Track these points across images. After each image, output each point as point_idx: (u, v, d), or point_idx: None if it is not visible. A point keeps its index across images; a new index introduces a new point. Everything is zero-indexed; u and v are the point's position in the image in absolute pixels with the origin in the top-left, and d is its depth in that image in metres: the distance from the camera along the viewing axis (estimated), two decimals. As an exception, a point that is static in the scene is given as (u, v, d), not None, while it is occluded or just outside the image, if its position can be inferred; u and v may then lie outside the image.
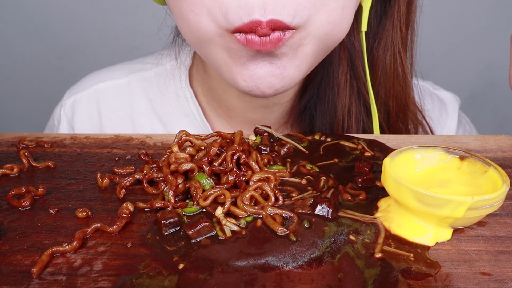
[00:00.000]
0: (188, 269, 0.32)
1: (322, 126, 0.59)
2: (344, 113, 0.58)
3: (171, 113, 0.66)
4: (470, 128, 0.73)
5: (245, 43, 0.42)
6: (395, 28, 0.55)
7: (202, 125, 0.65)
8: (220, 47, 0.45)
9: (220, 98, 0.63)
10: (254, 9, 0.40)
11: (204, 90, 0.66)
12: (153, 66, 0.69)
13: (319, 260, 0.32)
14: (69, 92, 0.70)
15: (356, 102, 0.59)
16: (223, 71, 0.47)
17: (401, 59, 0.57)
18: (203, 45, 0.46)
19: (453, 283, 0.31)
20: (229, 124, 0.65)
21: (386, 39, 0.56)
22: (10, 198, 0.40)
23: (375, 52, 0.57)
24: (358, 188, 0.41)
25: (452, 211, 0.33)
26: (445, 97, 0.71)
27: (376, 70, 0.58)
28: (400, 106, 0.60)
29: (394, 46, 0.56)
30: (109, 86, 0.69)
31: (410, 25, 0.57)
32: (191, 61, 0.67)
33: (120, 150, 0.49)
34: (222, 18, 0.42)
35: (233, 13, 0.41)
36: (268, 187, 0.39)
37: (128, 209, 0.37)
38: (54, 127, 0.71)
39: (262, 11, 0.40)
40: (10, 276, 0.31)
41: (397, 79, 0.58)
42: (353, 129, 0.59)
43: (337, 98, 0.58)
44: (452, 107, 0.71)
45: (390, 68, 0.57)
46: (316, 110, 0.59)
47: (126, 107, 0.68)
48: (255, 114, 0.62)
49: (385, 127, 0.60)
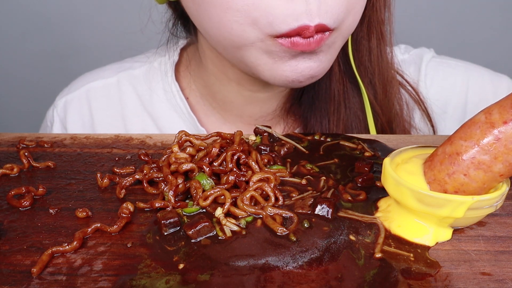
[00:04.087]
0: (188, 269, 0.32)
1: (319, 114, 0.60)
2: (340, 100, 0.60)
3: (160, 108, 0.68)
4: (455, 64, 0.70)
5: (289, 45, 0.46)
6: (374, 9, 0.58)
7: (189, 119, 0.66)
8: (260, 50, 0.48)
9: (217, 93, 0.65)
10: (302, 16, 0.44)
11: (198, 85, 0.67)
12: (142, 64, 0.71)
13: (319, 260, 0.32)
14: (61, 94, 0.73)
15: (350, 88, 0.61)
16: (260, 70, 0.50)
17: (382, 36, 0.60)
18: (242, 50, 0.49)
19: (453, 283, 0.31)
20: (223, 118, 0.67)
21: (368, 20, 0.59)
22: (10, 198, 0.40)
23: (358, 33, 0.59)
24: (358, 188, 0.41)
25: (452, 211, 0.33)
26: (413, 56, 0.71)
27: (360, 50, 0.60)
28: (385, 80, 0.62)
29: (375, 26, 0.59)
30: (99, 85, 0.71)
31: (387, 6, 0.60)
32: (178, 58, 0.69)
33: (120, 150, 0.49)
34: (267, 26, 0.45)
35: (280, 21, 0.45)
36: (268, 187, 0.39)
37: (128, 209, 0.37)
38: (48, 128, 0.73)
39: (308, 17, 0.45)
40: (10, 276, 0.31)
41: (381, 55, 0.61)
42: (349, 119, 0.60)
43: (330, 86, 0.60)
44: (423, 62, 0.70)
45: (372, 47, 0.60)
46: (312, 99, 0.61)
47: (116, 105, 0.70)
48: (252, 108, 0.64)
49: (376, 106, 0.62)
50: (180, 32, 0.66)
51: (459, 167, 0.33)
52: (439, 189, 0.34)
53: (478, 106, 0.67)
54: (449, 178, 0.34)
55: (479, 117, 0.33)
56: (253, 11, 0.45)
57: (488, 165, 0.32)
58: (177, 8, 0.62)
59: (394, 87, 0.63)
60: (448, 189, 0.34)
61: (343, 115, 0.60)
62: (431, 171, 0.35)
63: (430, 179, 0.35)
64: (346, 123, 0.60)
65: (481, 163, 0.33)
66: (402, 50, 0.71)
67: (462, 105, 0.67)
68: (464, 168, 0.33)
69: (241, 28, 0.46)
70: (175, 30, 0.65)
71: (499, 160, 0.32)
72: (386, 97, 0.62)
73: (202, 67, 0.65)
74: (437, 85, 0.68)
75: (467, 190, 0.34)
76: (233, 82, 0.61)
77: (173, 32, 0.65)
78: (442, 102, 0.67)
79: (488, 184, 0.34)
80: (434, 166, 0.35)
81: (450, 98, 0.67)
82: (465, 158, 0.33)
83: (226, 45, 0.50)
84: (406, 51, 0.71)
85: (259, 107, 0.64)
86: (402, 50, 0.71)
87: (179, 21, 0.64)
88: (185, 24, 0.64)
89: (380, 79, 0.61)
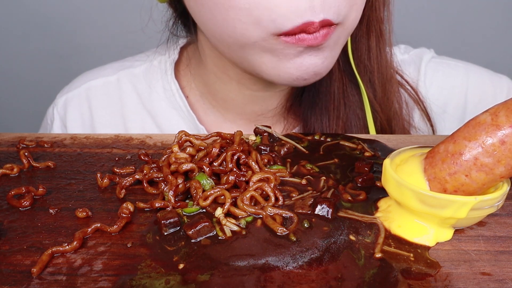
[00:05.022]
0: (188, 269, 0.32)
1: (320, 112, 0.60)
2: (339, 98, 0.60)
3: (160, 106, 0.68)
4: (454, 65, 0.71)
5: (294, 41, 0.46)
6: (373, 8, 0.59)
7: (189, 117, 0.67)
8: (263, 49, 0.48)
9: (217, 91, 0.65)
10: (305, 12, 0.44)
11: (198, 84, 0.67)
12: (142, 63, 0.71)
13: (319, 260, 0.32)
14: (62, 92, 0.73)
15: (349, 86, 0.61)
16: (265, 69, 0.50)
17: (381, 34, 0.60)
18: (245, 49, 0.49)
19: (453, 283, 0.31)
20: (223, 116, 0.67)
21: (368, 18, 0.59)
22: (10, 198, 0.40)
23: (357, 32, 0.59)
24: (358, 188, 0.41)
25: (455, 211, 0.33)
26: (413, 57, 0.71)
27: (360, 49, 0.60)
28: (384, 79, 0.62)
29: (374, 25, 0.59)
30: (99, 83, 0.71)
31: (386, 5, 0.60)
32: (178, 56, 0.69)
33: (120, 150, 0.49)
34: (270, 23, 0.45)
35: (283, 18, 0.45)
36: (268, 187, 0.39)
37: (128, 209, 0.37)
38: (48, 126, 0.73)
39: (312, 13, 0.44)
40: (10, 276, 0.31)
41: (380, 54, 0.61)
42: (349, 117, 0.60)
43: (330, 84, 0.60)
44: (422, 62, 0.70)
45: (372, 45, 0.60)
46: (312, 96, 0.61)
47: (116, 103, 0.70)
48: (253, 106, 0.64)
49: (375, 104, 0.62)
50: (180, 31, 0.66)
51: (461, 168, 0.33)
52: (439, 188, 0.34)
53: (477, 107, 0.67)
54: (450, 177, 0.34)
55: (484, 118, 0.33)
56: (255, 9, 0.45)
57: (491, 167, 0.32)
58: (178, 7, 0.62)
59: (394, 85, 0.63)
60: (448, 188, 0.34)
61: (343, 114, 0.60)
62: (432, 169, 0.35)
63: (430, 176, 0.35)
64: (345, 121, 0.60)
65: (483, 165, 0.33)
66: (402, 50, 0.71)
67: (462, 105, 0.67)
68: (466, 169, 0.33)
69: (244, 27, 0.46)
70: (175, 29, 0.65)
71: (502, 163, 0.32)
72: (385, 96, 0.62)
73: (202, 65, 0.65)
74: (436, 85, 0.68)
75: (467, 190, 0.34)
76: (233, 81, 0.61)
77: (173, 31, 0.66)
78: (441, 102, 0.67)
79: (488, 185, 0.34)
80: (435, 164, 0.35)
81: (450, 98, 0.67)
82: (468, 159, 0.33)
83: (230, 44, 0.50)
84: (406, 51, 0.71)
85: (260, 105, 0.64)
86: (402, 50, 0.71)
87: (179, 20, 0.64)
88: (185, 23, 0.64)
89: (379, 78, 0.61)
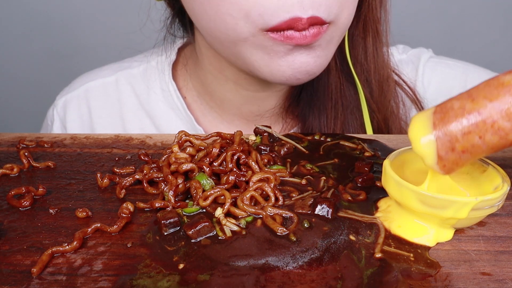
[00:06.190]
0: (188, 269, 0.32)
1: (317, 111, 0.61)
2: (337, 97, 0.60)
3: (158, 107, 0.69)
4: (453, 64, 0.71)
5: (282, 39, 0.45)
6: (370, 8, 0.59)
7: (186, 117, 0.67)
8: (253, 46, 0.48)
9: (214, 91, 0.65)
10: (294, 7, 0.44)
11: (195, 84, 0.68)
12: (140, 64, 0.72)
13: (319, 260, 0.32)
14: (61, 93, 0.74)
15: (346, 85, 0.61)
16: (257, 66, 0.50)
17: (378, 34, 0.60)
18: (237, 44, 0.49)
19: (453, 283, 0.31)
20: (220, 116, 0.67)
21: (364, 18, 0.59)
22: (10, 198, 0.40)
23: (354, 31, 0.59)
24: (358, 188, 0.41)
25: (455, 212, 0.33)
26: (411, 56, 0.71)
27: (356, 48, 0.60)
28: (381, 78, 0.62)
29: (371, 24, 0.59)
30: (98, 84, 0.72)
31: (383, 5, 0.60)
32: (176, 57, 0.69)
33: (120, 150, 0.49)
34: (258, 18, 0.45)
35: (271, 12, 0.44)
36: (268, 187, 0.39)
37: (128, 209, 0.37)
38: (48, 127, 0.74)
39: (301, 9, 0.44)
40: (10, 276, 0.31)
41: (377, 53, 0.61)
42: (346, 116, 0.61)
43: (327, 84, 0.60)
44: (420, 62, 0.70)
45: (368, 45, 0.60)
46: (310, 96, 0.61)
47: (114, 104, 0.70)
48: (250, 106, 0.64)
49: (372, 103, 0.62)
50: (177, 31, 0.66)
51: (476, 128, 0.31)
52: (448, 146, 0.32)
53: None
54: (463, 137, 0.32)
55: (509, 80, 0.31)
56: (245, 3, 0.45)
57: (507, 132, 0.31)
58: (175, 5, 0.62)
59: (390, 85, 0.63)
60: (457, 148, 0.32)
61: (340, 113, 0.60)
62: (444, 125, 0.33)
63: (440, 133, 0.33)
64: (343, 121, 0.60)
65: (500, 129, 0.31)
66: (400, 50, 0.71)
67: None
68: (482, 130, 0.31)
69: (234, 21, 0.46)
70: (172, 29, 0.65)
71: None
72: (382, 95, 0.62)
73: (200, 66, 0.65)
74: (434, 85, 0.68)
75: (475, 153, 0.32)
76: (230, 81, 0.61)
77: (170, 31, 0.66)
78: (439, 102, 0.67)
79: (495, 150, 0.32)
80: (447, 120, 0.32)
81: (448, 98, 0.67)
82: (486, 120, 0.31)
83: (223, 41, 0.50)
84: (404, 51, 0.71)
85: (257, 106, 0.64)
86: (400, 50, 0.71)
87: (177, 18, 0.64)
88: (183, 22, 0.65)
89: (376, 77, 0.61)
